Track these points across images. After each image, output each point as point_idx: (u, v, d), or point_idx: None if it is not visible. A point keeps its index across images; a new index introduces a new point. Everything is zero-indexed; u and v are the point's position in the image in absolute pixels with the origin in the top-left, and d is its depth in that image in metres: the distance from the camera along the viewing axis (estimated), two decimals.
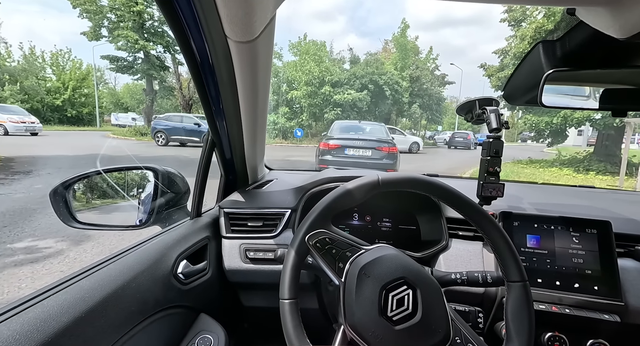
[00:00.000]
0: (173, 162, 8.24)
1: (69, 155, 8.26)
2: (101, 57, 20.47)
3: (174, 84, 21.54)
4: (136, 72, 20.57)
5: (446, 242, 0.92)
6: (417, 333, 0.51)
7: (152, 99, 21.04)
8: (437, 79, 25.79)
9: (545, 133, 13.17)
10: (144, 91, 21.57)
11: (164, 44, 20.11)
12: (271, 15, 0.57)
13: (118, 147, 11.44)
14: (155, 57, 20.44)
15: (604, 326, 0.77)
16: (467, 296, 0.83)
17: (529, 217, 0.88)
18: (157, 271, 0.71)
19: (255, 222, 0.99)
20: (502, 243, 0.57)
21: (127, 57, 20.17)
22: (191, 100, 19.96)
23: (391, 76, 21.48)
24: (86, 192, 1.03)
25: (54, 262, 2.51)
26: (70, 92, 24.50)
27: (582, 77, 0.74)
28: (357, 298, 0.52)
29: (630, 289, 0.79)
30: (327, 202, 0.58)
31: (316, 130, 21.72)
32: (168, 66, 21.19)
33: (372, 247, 0.58)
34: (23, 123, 13.85)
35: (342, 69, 22.94)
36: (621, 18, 0.46)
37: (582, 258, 0.83)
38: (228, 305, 1.05)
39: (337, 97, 19.89)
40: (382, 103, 21.76)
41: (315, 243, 0.55)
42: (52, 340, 0.45)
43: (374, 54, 24.77)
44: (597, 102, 0.78)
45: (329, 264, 0.55)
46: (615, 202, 1.20)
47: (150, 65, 19.98)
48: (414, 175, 0.60)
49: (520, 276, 0.55)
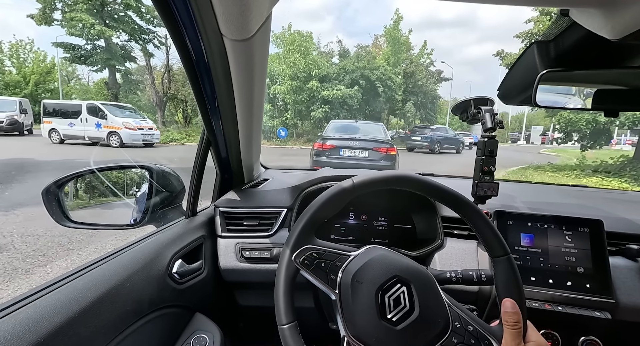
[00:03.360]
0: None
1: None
2: (53, 45, 17.42)
3: (143, 78, 19.79)
4: (95, 62, 17.40)
5: (441, 240, 0.92)
6: (419, 328, 0.51)
7: (116, 94, 18.67)
8: (432, 75, 23.93)
9: (583, 133, 10.94)
10: (106, 84, 19.04)
11: (128, 31, 17.72)
12: (267, 14, 0.57)
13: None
14: (118, 45, 18.06)
15: (596, 323, 0.78)
16: (462, 294, 0.84)
17: (523, 215, 0.89)
18: (152, 270, 0.71)
19: (251, 221, 0.98)
20: (481, 223, 0.57)
21: (84, 45, 17.30)
22: (165, 96, 18.31)
23: (384, 71, 19.42)
24: (80, 190, 1.02)
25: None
26: (32, 86, 21.74)
27: (575, 78, 0.75)
28: (355, 308, 0.51)
29: (621, 287, 0.81)
30: (307, 217, 0.57)
31: (302, 129, 20.02)
32: (135, 57, 18.93)
33: (359, 251, 0.58)
34: (140, 129, 11.14)
35: (330, 62, 20.55)
36: (613, 19, 0.46)
37: (575, 257, 0.84)
38: (223, 305, 1.05)
39: (325, 93, 17.92)
40: (373, 100, 19.90)
41: (303, 261, 0.54)
42: (44, 340, 0.45)
43: (365, 46, 21.92)
44: (590, 102, 0.79)
45: (320, 279, 0.54)
46: (606, 201, 1.22)
47: (112, 54, 17.39)
48: (387, 172, 0.59)
49: (504, 251, 0.55)
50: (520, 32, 11.28)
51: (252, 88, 0.76)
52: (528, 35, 10.93)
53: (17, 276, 2.28)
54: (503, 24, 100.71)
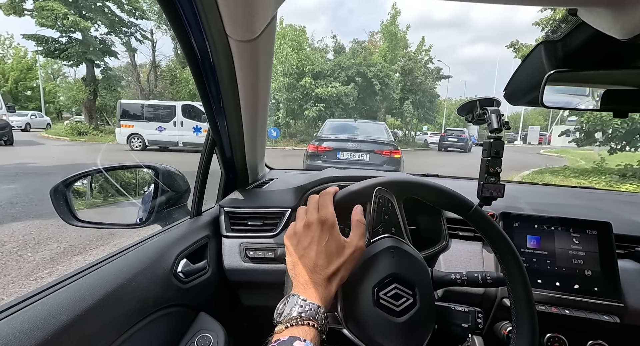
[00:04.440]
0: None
1: None
2: (23, 37, 15.60)
3: (125, 74, 18.47)
4: (70, 56, 15.74)
5: (446, 242, 0.92)
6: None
7: (95, 90, 16.99)
8: (431, 73, 22.84)
9: (614, 134, 9.58)
10: (83, 80, 17.19)
11: (107, 24, 16.23)
12: (272, 14, 0.57)
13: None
14: (97, 39, 16.63)
15: (604, 327, 0.77)
16: (467, 296, 0.83)
17: (529, 217, 0.88)
18: (157, 269, 0.71)
19: (255, 221, 0.99)
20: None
21: (58, 37, 15.54)
22: (151, 94, 17.45)
23: (381, 68, 18.71)
24: (87, 190, 1.03)
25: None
26: (11, 84, 20.47)
27: (583, 78, 0.74)
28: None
29: (630, 290, 0.79)
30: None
31: (295, 129, 19.08)
32: (116, 51, 17.45)
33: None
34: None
35: (325, 58, 19.84)
36: (623, 19, 0.46)
37: (582, 259, 0.83)
38: (228, 304, 1.05)
39: (319, 91, 16.95)
40: (370, 99, 19.08)
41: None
42: (52, 338, 0.45)
43: (361, 42, 21.11)
44: (598, 103, 0.78)
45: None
46: (615, 203, 1.20)
47: (88, 48, 15.80)
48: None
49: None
50: (540, 19, 10.36)
51: (257, 89, 0.76)
52: (551, 20, 9.87)
53: None
54: (496, 26, 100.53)
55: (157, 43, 18.15)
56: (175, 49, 17.70)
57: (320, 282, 0.46)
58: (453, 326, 0.58)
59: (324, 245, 0.48)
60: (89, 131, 15.30)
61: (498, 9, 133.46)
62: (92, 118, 16.90)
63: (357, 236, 0.51)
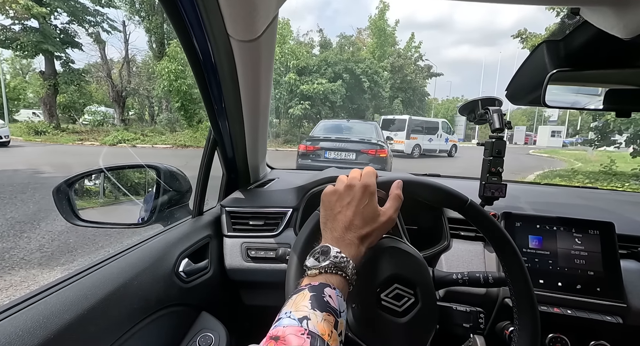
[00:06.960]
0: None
1: None
2: None
3: (94, 68, 16.81)
4: (22, 46, 13.91)
5: (447, 242, 0.92)
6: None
7: (54, 85, 15.25)
8: (421, 70, 22.22)
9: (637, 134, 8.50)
10: (41, 74, 15.37)
11: (67, 12, 14.51)
12: (273, 14, 0.57)
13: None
14: (58, 29, 14.92)
15: (606, 327, 0.77)
16: (468, 296, 0.83)
17: (531, 217, 0.88)
18: (159, 269, 0.72)
19: (256, 221, 0.99)
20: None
21: (9, 25, 13.70)
22: (125, 91, 15.83)
23: (370, 64, 17.81)
24: (89, 189, 1.04)
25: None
26: None
27: (586, 77, 0.74)
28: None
29: (633, 291, 0.79)
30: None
31: (280, 129, 17.77)
32: (79, 43, 15.58)
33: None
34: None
35: (310, 54, 18.54)
36: (625, 18, 0.46)
37: (585, 260, 0.82)
38: (229, 304, 1.05)
39: (304, 88, 15.82)
40: (358, 97, 17.99)
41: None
42: (54, 336, 0.46)
43: (349, 37, 20.22)
44: (601, 103, 0.78)
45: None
46: (618, 203, 1.20)
47: (45, 37, 14.01)
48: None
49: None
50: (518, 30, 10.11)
51: (259, 89, 0.76)
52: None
53: None
54: (479, 28, 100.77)
55: (130, 36, 16.34)
56: (149, 42, 15.94)
57: (353, 240, 0.47)
58: (455, 326, 0.58)
59: (362, 208, 0.49)
60: (48, 130, 13.58)
61: (481, 11, 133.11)
62: (52, 116, 15.08)
63: (392, 208, 0.52)
